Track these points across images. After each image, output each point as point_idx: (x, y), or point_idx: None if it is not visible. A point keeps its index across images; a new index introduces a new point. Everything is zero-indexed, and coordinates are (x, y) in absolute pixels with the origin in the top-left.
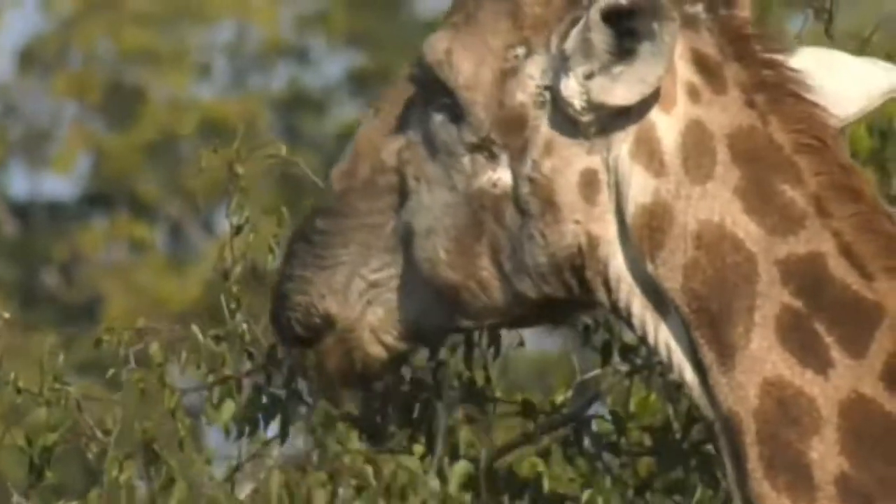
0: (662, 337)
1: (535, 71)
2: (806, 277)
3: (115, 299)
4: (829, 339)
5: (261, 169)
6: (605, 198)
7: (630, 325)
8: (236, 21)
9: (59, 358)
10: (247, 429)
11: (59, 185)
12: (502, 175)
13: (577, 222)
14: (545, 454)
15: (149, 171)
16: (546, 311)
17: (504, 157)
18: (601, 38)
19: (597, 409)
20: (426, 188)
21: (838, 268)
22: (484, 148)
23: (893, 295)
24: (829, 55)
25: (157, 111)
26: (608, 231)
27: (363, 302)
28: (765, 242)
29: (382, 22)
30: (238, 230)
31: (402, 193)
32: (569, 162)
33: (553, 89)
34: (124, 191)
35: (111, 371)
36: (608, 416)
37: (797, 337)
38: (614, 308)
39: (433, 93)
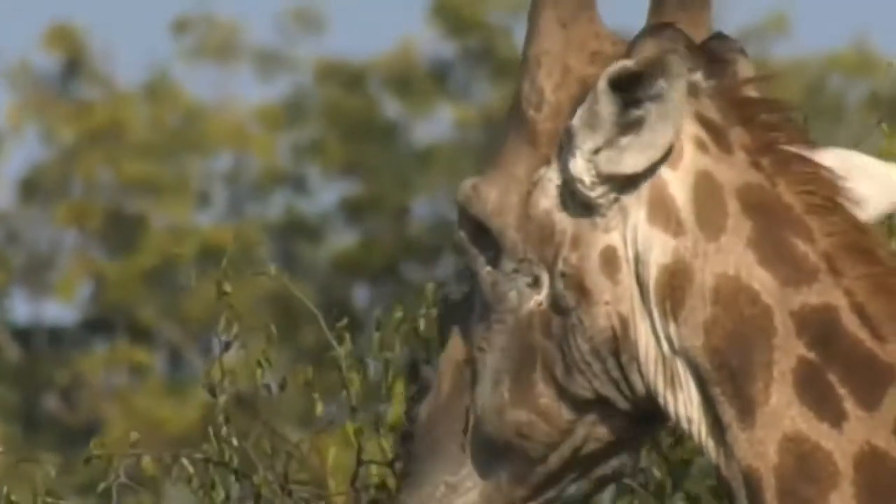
0: (682, 405)
1: (554, 175)
2: (819, 328)
3: (115, 423)
4: (842, 391)
5: (254, 292)
6: (625, 274)
7: (655, 401)
8: (234, 151)
9: (52, 474)
10: None
11: (61, 310)
12: (545, 294)
13: (606, 303)
14: None
15: (148, 298)
16: (610, 427)
17: (544, 278)
18: (608, 108)
19: None
20: (489, 352)
21: (851, 323)
22: (524, 272)
23: None
24: (849, 155)
25: (156, 238)
26: (633, 305)
27: (471, 495)
28: (779, 294)
29: (376, 152)
30: (227, 346)
31: (473, 382)
32: (591, 246)
33: (566, 177)
34: (124, 316)
35: (102, 485)
36: None
37: (813, 390)
38: (648, 393)
39: (474, 246)
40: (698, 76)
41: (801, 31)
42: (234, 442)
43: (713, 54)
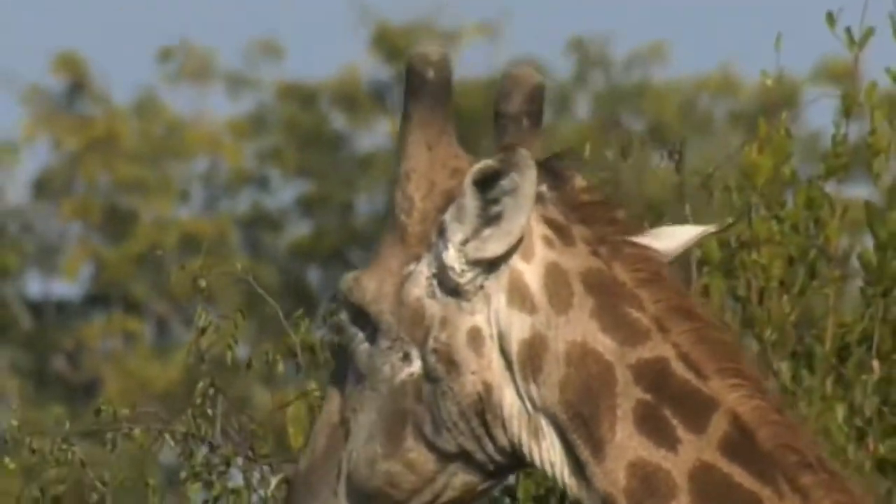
0: (544, 454)
1: (424, 268)
2: (653, 376)
3: (110, 380)
4: (675, 421)
5: (225, 280)
6: (489, 349)
7: (522, 455)
8: (209, 156)
9: (66, 425)
10: None
11: (66, 288)
12: (416, 366)
13: (473, 373)
14: None
15: (139, 277)
16: (465, 474)
17: (414, 352)
18: (472, 203)
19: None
20: (362, 413)
21: (678, 368)
22: (396, 349)
23: (725, 391)
24: (661, 230)
25: (145, 229)
26: (497, 374)
27: None
28: (619, 352)
29: (326, 158)
30: (203, 331)
31: (346, 437)
32: (458, 326)
33: (439, 266)
34: (119, 292)
35: (109, 435)
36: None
37: (650, 423)
38: (511, 446)
39: (354, 325)
40: (543, 188)
41: (676, 58)
42: (209, 412)
43: (554, 171)
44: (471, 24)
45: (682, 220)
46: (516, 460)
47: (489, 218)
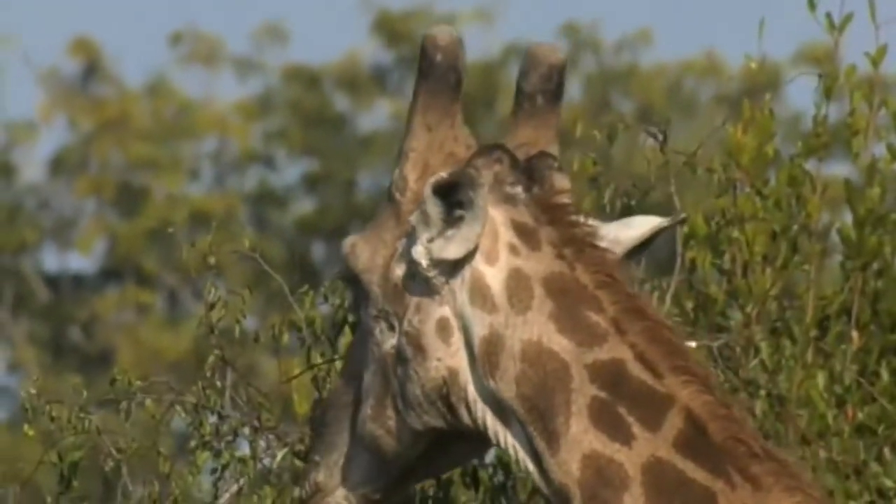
0: (509, 440)
1: (406, 250)
2: (609, 376)
3: (124, 350)
4: (630, 419)
5: (234, 255)
6: (457, 338)
7: (487, 437)
8: (218, 136)
9: (83, 395)
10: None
11: (82, 262)
12: (396, 340)
13: (438, 359)
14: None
15: (151, 252)
16: (444, 446)
17: (397, 325)
18: (435, 209)
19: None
20: (366, 368)
21: (635, 369)
22: (382, 318)
23: (678, 388)
24: (624, 221)
25: (157, 205)
26: (462, 363)
27: (340, 477)
28: (576, 352)
29: (329, 137)
30: (212, 306)
31: (360, 381)
32: (429, 314)
33: (409, 259)
34: (132, 266)
35: (123, 404)
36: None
37: (606, 419)
38: (475, 424)
39: (353, 285)
40: (518, 189)
41: (662, 43)
42: (218, 384)
43: (532, 171)
44: (467, 10)
45: (667, 197)
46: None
47: (452, 220)
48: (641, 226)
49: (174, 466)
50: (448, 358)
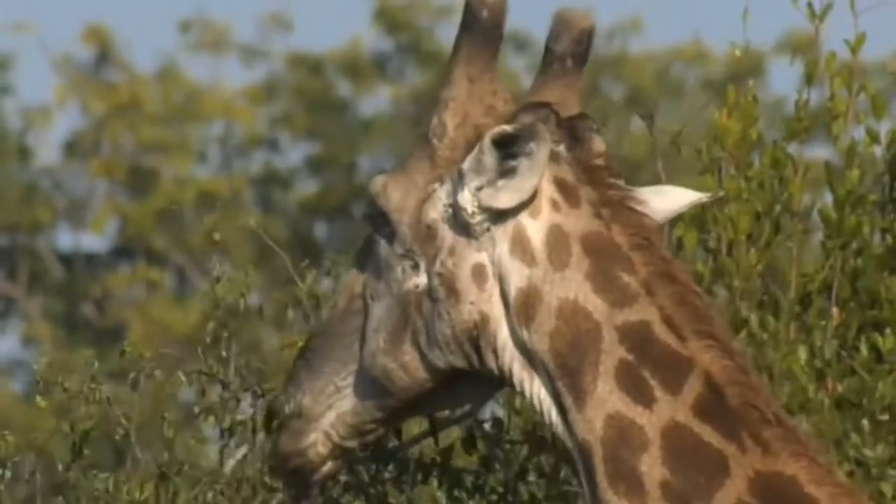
0: (535, 390)
1: (443, 195)
2: (637, 338)
3: (135, 325)
4: (653, 382)
5: (239, 234)
6: (491, 285)
7: (512, 384)
8: (225, 120)
9: (95, 366)
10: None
11: (94, 241)
12: (422, 279)
13: (471, 303)
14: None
15: (160, 231)
16: (453, 386)
17: (423, 265)
18: (490, 159)
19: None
20: (377, 302)
21: (661, 332)
22: (409, 258)
23: (700, 351)
24: (658, 188)
25: (166, 187)
26: (495, 310)
27: (327, 404)
28: (608, 313)
29: (332, 121)
30: (217, 280)
31: (366, 314)
32: (464, 258)
33: (454, 203)
34: (142, 245)
35: (132, 375)
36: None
37: (630, 382)
38: (500, 371)
39: (378, 223)
40: (561, 147)
41: (652, 30)
42: (224, 354)
43: (574, 131)
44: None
45: (655, 176)
46: (504, 382)
47: (504, 171)
48: (677, 199)
49: (179, 435)
50: (481, 303)
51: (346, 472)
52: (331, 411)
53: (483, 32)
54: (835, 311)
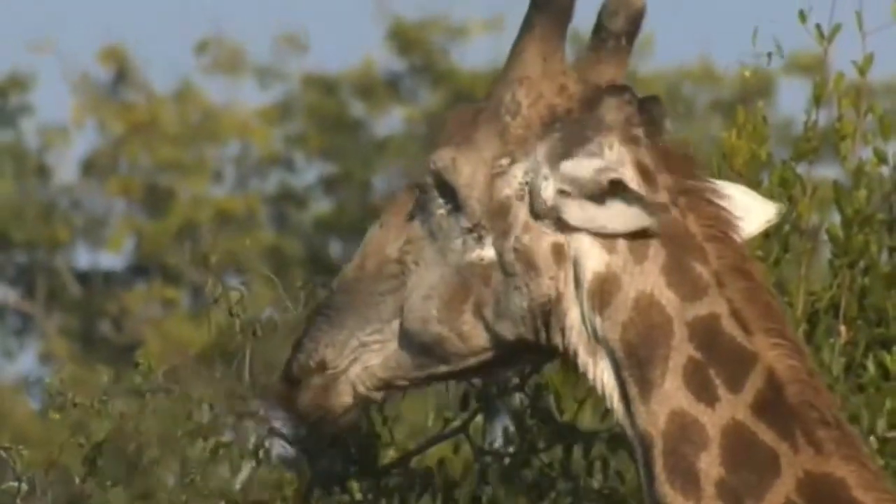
0: (598, 373)
1: (518, 173)
2: (705, 334)
3: (151, 342)
4: (717, 381)
5: (256, 252)
6: (568, 265)
7: (575, 365)
8: (241, 140)
9: (105, 380)
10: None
11: (111, 259)
12: (487, 252)
13: (551, 278)
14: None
15: (176, 250)
16: (510, 355)
17: (489, 239)
18: (592, 185)
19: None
20: (424, 268)
21: (728, 325)
22: (474, 231)
23: (766, 348)
24: (745, 188)
25: (182, 206)
26: (569, 290)
27: (352, 357)
28: (680, 307)
29: (346, 141)
30: (216, 301)
31: (402, 278)
32: (541, 236)
33: (532, 186)
34: (158, 264)
35: (141, 381)
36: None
37: (696, 380)
38: (565, 351)
39: (438, 193)
40: (640, 131)
41: (661, 50)
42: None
43: (651, 116)
44: (478, 20)
45: None
46: (564, 360)
47: (595, 197)
48: (754, 220)
49: (190, 449)
50: (557, 280)
51: (340, 490)
52: (356, 364)
53: (557, 12)
54: (842, 328)
